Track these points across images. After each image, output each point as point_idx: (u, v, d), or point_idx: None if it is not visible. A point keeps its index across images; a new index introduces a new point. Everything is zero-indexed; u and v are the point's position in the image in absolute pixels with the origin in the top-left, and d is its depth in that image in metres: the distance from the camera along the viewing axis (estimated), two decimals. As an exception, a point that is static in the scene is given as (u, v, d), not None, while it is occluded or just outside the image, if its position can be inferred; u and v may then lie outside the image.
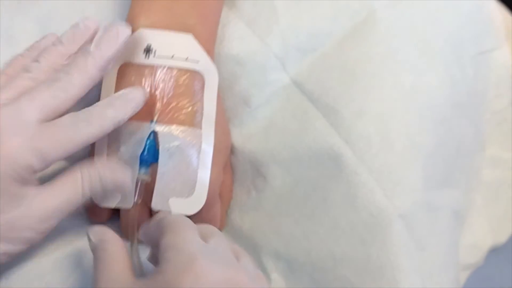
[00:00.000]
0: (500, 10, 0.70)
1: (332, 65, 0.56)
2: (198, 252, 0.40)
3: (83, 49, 0.49)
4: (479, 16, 0.66)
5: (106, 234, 0.45)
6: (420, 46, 0.60)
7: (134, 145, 0.50)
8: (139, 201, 0.50)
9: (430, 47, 0.60)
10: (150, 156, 0.50)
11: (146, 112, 0.51)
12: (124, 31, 0.49)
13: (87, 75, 0.48)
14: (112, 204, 0.51)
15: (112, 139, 0.51)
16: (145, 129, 0.50)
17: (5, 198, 0.44)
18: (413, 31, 0.60)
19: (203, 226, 0.46)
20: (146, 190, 0.51)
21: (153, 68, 0.51)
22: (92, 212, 0.54)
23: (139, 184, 0.50)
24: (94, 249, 0.44)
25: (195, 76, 0.52)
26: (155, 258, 0.44)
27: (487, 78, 0.67)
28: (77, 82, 0.47)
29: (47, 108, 0.46)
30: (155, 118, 0.51)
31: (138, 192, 0.50)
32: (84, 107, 0.53)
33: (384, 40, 0.58)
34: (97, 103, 0.48)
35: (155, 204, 0.51)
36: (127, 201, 0.51)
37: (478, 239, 0.67)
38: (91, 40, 0.49)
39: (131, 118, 0.50)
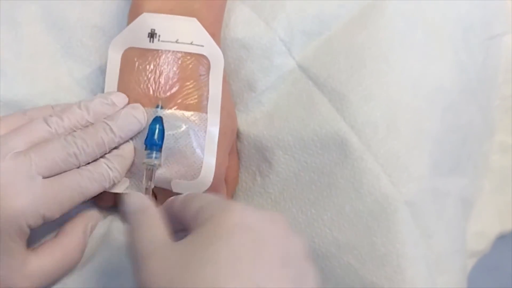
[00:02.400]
0: (510, -5, 0.69)
1: (338, 49, 0.56)
2: (231, 201, 0.42)
3: (104, 123, 0.49)
4: (488, 1, 0.65)
5: (144, 201, 0.45)
6: (429, 31, 0.59)
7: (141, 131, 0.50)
8: (152, 186, 0.50)
9: (439, 31, 0.60)
10: (159, 141, 0.50)
11: (152, 97, 0.50)
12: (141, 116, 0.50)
13: (101, 149, 0.49)
14: (121, 189, 0.51)
15: None
16: (151, 114, 0.50)
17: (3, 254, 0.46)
18: (421, 15, 0.59)
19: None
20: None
21: (157, 53, 0.51)
22: (98, 197, 0.54)
23: (151, 169, 0.50)
24: (133, 213, 0.44)
25: (200, 60, 0.51)
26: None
27: (497, 63, 0.66)
28: (90, 151, 0.48)
29: (55, 169, 0.47)
30: (160, 103, 0.50)
31: (150, 177, 0.50)
32: (87, 95, 0.54)
33: (392, 24, 0.57)
34: (100, 159, 0.49)
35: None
36: (138, 185, 0.51)
37: (485, 226, 0.67)
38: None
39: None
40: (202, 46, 0.51)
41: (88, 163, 0.48)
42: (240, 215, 0.40)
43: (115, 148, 0.50)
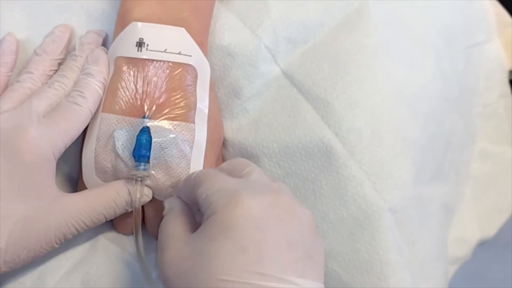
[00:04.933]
0: (493, 4, 0.69)
1: (323, 56, 0.56)
2: (238, 187, 0.43)
3: (70, 55, 0.53)
4: (470, 9, 0.66)
5: (176, 202, 0.48)
6: (412, 39, 0.60)
7: (127, 141, 0.50)
8: (143, 198, 0.50)
9: (422, 39, 0.60)
10: (147, 152, 0.49)
11: (139, 107, 0.50)
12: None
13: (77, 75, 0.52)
14: None
15: (102, 133, 0.50)
16: (138, 124, 0.50)
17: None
18: (405, 23, 0.60)
19: (234, 161, 0.48)
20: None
21: (145, 62, 0.50)
22: None
23: (140, 180, 0.50)
24: (165, 214, 0.48)
25: (187, 70, 0.51)
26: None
27: (478, 71, 0.67)
28: (71, 79, 0.51)
29: (51, 104, 0.50)
30: (147, 114, 0.50)
31: (140, 188, 0.50)
32: None
33: (376, 32, 0.57)
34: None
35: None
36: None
37: (466, 232, 0.68)
38: (69, 44, 0.54)
39: (124, 114, 0.50)
40: (190, 56, 0.51)
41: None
42: (244, 207, 0.41)
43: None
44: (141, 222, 0.52)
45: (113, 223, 0.54)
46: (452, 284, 0.65)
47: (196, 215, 0.48)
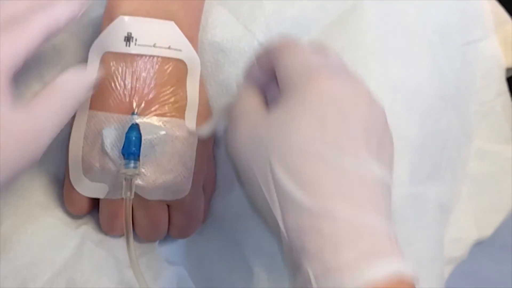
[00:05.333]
0: (489, 1, 0.69)
1: (317, 54, 0.55)
2: (320, 64, 0.41)
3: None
4: (466, 6, 0.65)
5: (249, 78, 0.46)
6: (408, 36, 0.59)
7: (116, 139, 0.49)
8: (132, 196, 0.49)
9: (418, 37, 0.59)
10: (136, 150, 0.48)
11: (127, 104, 0.49)
12: None
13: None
14: (101, 195, 0.50)
15: (90, 131, 0.49)
16: (127, 121, 0.49)
17: None
18: (401, 20, 0.59)
19: (315, 45, 0.45)
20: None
21: (134, 57, 0.49)
22: (71, 203, 0.52)
23: (130, 179, 0.48)
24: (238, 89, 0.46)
25: (177, 65, 0.50)
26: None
27: (475, 69, 0.66)
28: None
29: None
30: (136, 110, 0.49)
31: (129, 187, 0.48)
32: None
33: (372, 29, 0.57)
34: None
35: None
36: (116, 192, 0.50)
37: (463, 232, 0.67)
38: None
39: (112, 111, 0.49)
40: (180, 50, 0.50)
41: None
42: (326, 86, 0.40)
43: None
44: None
45: (101, 225, 0.52)
46: (448, 284, 0.64)
47: (268, 93, 0.46)
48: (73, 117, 0.50)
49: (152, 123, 0.49)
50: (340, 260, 0.36)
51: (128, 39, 0.49)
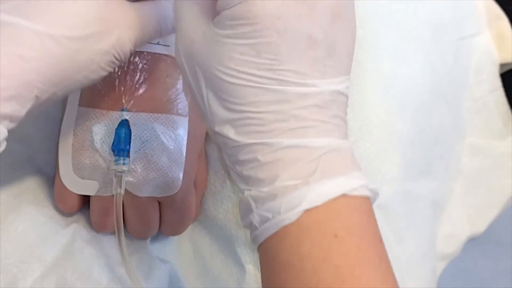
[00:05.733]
0: (483, -4, 0.69)
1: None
2: None
3: None
4: (459, 1, 0.65)
5: None
6: (400, 32, 0.58)
7: (106, 135, 0.48)
8: (123, 192, 0.48)
9: (410, 32, 0.59)
10: (126, 146, 0.48)
11: (117, 100, 0.49)
12: None
13: None
14: (92, 192, 0.50)
15: (80, 128, 0.49)
16: (117, 118, 0.48)
17: None
18: (393, 16, 0.59)
19: None
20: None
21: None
22: (61, 201, 0.52)
23: (120, 175, 0.48)
24: None
25: (167, 61, 0.50)
26: None
27: (468, 64, 0.66)
28: None
29: None
30: (126, 106, 0.48)
31: (119, 183, 0.48)
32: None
33: (363, 24, 0.56)
34: None
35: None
36: (107, 189, 0.49)
37: (456, 228, 0.67)
38: None
39: (102, 107, 0.48)
40: (169, 46, 0.50)
41: None
42: (264, 4, 0.37)
43: None
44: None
45: (92, 222, 0.52)
46: (441, 280, 0.64)
47: None
48: (63, 114, 0.49)
49: (141, 119, 0.48)
50: (275, 185, 0.36)
51: None
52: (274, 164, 0.37)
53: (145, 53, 0.49)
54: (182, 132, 0.50)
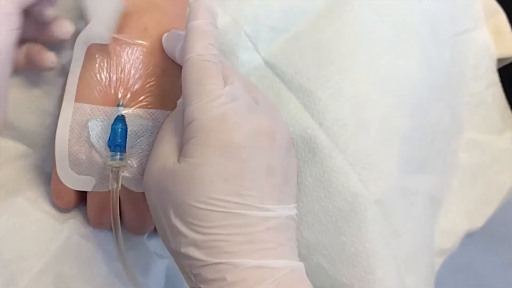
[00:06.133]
0: (480, -9, 0.68)
1: (306, 45, 0.55)
2: (223, 109, 0.42)
3: None
4: (456, -5, 0.65)
5: None
6: (396, 26, 0.58)
7: (102, 131, 0.48)
8: (119, 188, 0.48)
9: (407, 27, 0.59)
10: (122, 141, 0.48)
11: (113, 95, 0.49)
12: None
13: None
14: (89, 188, 0.50)
15: (76, 124, 0.49)
16: (113, 113, 0.48)
17: None
18: (389, 10, 0.58)
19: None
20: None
21: (119, 49, 0.49)
22: (58, 197, 0.52)
23: (117, 171, 0.48)
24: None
25: (162, 56, 0.50)
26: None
27: (465, 59, 0.66)
28: None
29: None
30: (121, 102, 0.48)
31: (116, 179, 0.48)
32: (44, 96, 0.52)
33: (360, 19, 0.56)
34: None
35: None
36: (103, 185, 0.50)
37: (454, 223, 0.67)
38: None
39: (98, 103, 0.48)
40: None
41: None
42: (228, 136, 0.41)
43: None
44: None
45: (88, 218, 0.52)
46: (439, 275, 0.64)
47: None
48: (59, 110, 0.49)
49: (137, 115, 0.48)
50: None
51: None
52: (241, 284, 0.40)
53: (140, 48, 0.49)
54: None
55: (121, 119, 0.48)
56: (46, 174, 0.53)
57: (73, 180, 0.50)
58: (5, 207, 0.51)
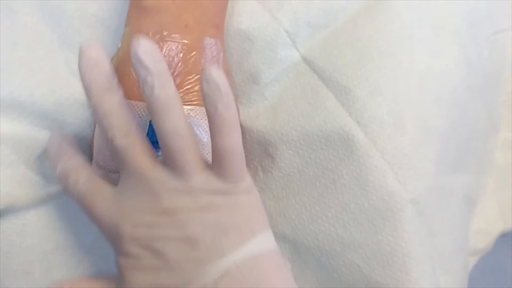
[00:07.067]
0: (518, -11, 0.68)
1: (344, 42, 0.54)
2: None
3: None
4: (494, -5, 0.64)
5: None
6: (436, 25, 0.58)
7: (140, 127, 0.48)
8: None
9: (446, 26, 0.58)
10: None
11: None
12: None
13: None
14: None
15: None
16: None
17: None
18: (428, 9, 0.58)
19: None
20: None
21: (158, 46, 0.49)
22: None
23: None
24: None
25: (202, 53, 0.50)
26: None
27: (502, 58, 0.65)
28: None
29: None
30: None
31: None
32: None
33: (399, 18, 0.56)
34: None
35: None
36: None
37: (488, 223, 0.66)
38: None
39: (137, 99, 0.48)
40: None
41: None
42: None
43: None
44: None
45: None
46: (472, 275, 0.64)
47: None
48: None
49: None
50: None
51: None
52: None
53: (180, 45, 0.49)
54: None
55: None
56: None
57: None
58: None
